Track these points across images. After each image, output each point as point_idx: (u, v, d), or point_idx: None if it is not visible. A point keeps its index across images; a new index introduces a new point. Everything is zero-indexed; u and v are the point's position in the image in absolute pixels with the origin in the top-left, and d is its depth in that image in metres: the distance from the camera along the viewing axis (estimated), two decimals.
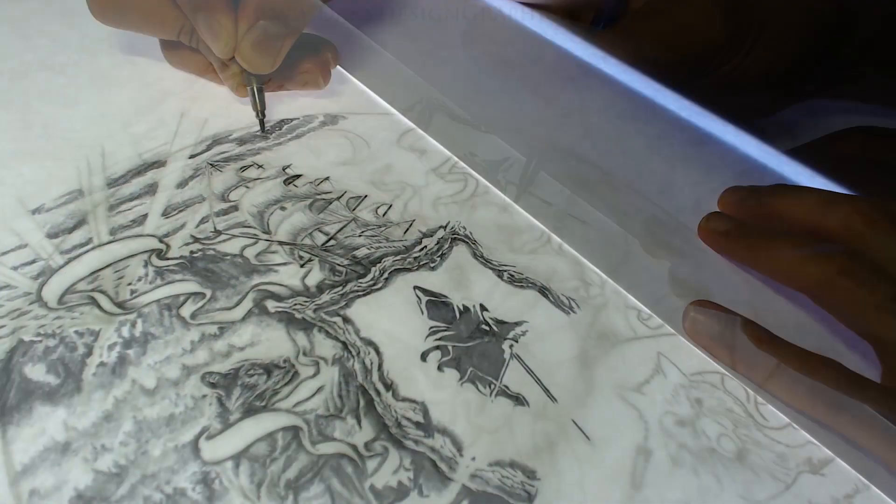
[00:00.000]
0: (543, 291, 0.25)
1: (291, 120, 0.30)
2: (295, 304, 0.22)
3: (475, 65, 0.39)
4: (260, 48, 0.26)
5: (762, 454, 0.22)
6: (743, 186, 0.29)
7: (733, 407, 0.23)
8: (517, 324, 0.24)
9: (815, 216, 0.26)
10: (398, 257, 0.25)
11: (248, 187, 0.26)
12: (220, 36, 0.26)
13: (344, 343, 0.21)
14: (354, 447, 0.19)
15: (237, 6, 0.26)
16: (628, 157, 0.34)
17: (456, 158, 0.31)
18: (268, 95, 0.30)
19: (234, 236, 0.24)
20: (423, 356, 0.22)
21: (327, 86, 0.31)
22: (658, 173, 0.34)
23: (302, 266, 0.23)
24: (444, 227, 0.27)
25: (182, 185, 0.25)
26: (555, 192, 0.30)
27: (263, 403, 0.19)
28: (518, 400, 0.21)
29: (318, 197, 0.27)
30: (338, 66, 0.32)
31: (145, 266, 0.22)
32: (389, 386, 0.20)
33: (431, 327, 0.23)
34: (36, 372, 0.18)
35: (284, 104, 0.31)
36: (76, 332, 0.20)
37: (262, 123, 0.29)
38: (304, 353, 0.21)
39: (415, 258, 0.25)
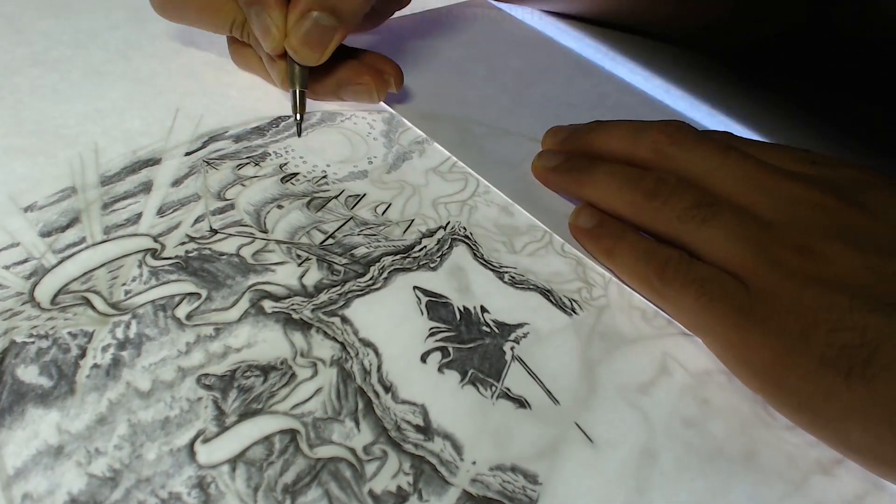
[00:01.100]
0: (545, 293, 0.25)
1: (288, 117, 0.30)
2: (292, 304, 0.22)
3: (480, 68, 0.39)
4: (309, 40, 0.26)
5: (771, 455, 0.22)
6: (564, 126, 0.32)
7: (741, 407, 0.23)
8: (518, 325, 0.24)
9: (628, 146, 0.28)
10: (397, 257, 0.25)
11: (244, 185, 0.26)
12: (269, 31, 0.26)
13: (342, 344, 0.21)
14: (353, 451, 0.19)
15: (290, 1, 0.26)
16: None
17: (455, 158, 0.31)
18: (314, 102, 0.30)
19: (231, 235, 0.24)
20: (423, 358, 0.22)
21: (381, 101, 0.31)
22: None
23: (299, 265, 0.23)
24: (444, 228, 0.27)
25: (177, 183, 0.25)
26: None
27: (260, 406, 0.19)
28: (520, 402, 0.21)
29: (316, 195, 0.27)
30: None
31: (140, 266, 0.22)
32: (389, 388, 0.20)
33: (431, 328, 0.23)
34: (28, 374, 0.18)
35: (280, 101, 0.31)
36: (69, 333, 0.20)
37: (298, 126, 0.29)
38: (302, 355, 0.21)
39: (414, 258, 0.25)
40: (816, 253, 0.22)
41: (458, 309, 0.24)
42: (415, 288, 0.24)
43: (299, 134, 0.29)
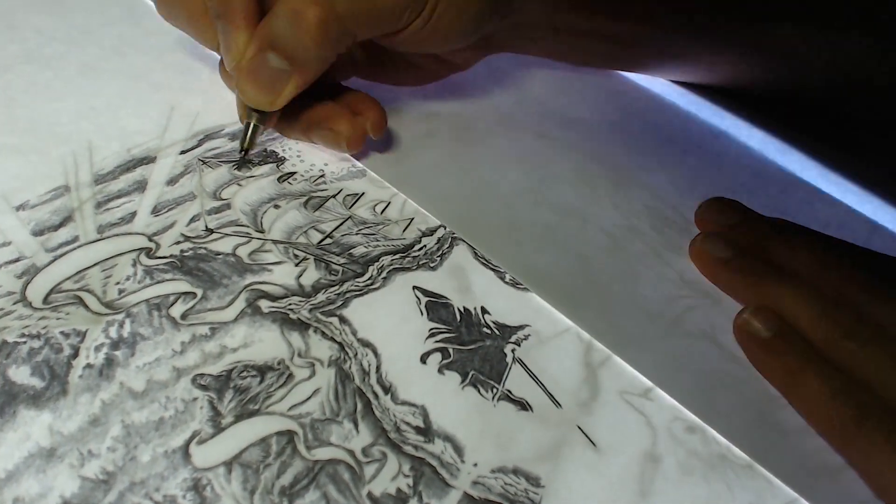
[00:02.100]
0: None
1: None
2: (289, 304, 0.22)
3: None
4: (260, 81, 0.24)
5: (777, 460, 0.22)
6: (731, 202, 0.29)
7: (747, 411, 0.23)
8: (520, 327, 0.24)
9: (817, 264, 0.26)
10: (396, 256, 0.25)
11: (240, 185, 0.26)
12: (230, 51, 0.24)
13: (340, 344, 0.21)
14: (352, 452, 0.19)
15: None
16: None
17: (457, 154, 0.31)
18: (288, 142, 0.28)
19: (227, 235, 0.24)
20: (423, 358, 0.22)
21: (354, 152, 0.28)
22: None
23: (297, 265, 0.23)
24: (444, 227, 0.27)
25: (172, 181, 0.25)
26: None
27: (257, 407, 0.19)
28: (521, 405, 0.21)
29: (314, 194, 0.27)
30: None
31: (134, 265, 0.22)
32: (388, 389, 0.20)
33: (431, 329, 0.23)
34: (20, 374, 0.18)
35: None
36: (62, 332, 0.20)
37: (241, 160, 0.27)
38: (299, 355, 0.21)
39: (414, 257, 0.25)
40: None
41: (459, 310, 0.24)
42: (414, 288, 0.24)
43: (239, 167, 0.27)
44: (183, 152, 0.27)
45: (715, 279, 0.27)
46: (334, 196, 0.27)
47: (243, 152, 0.26)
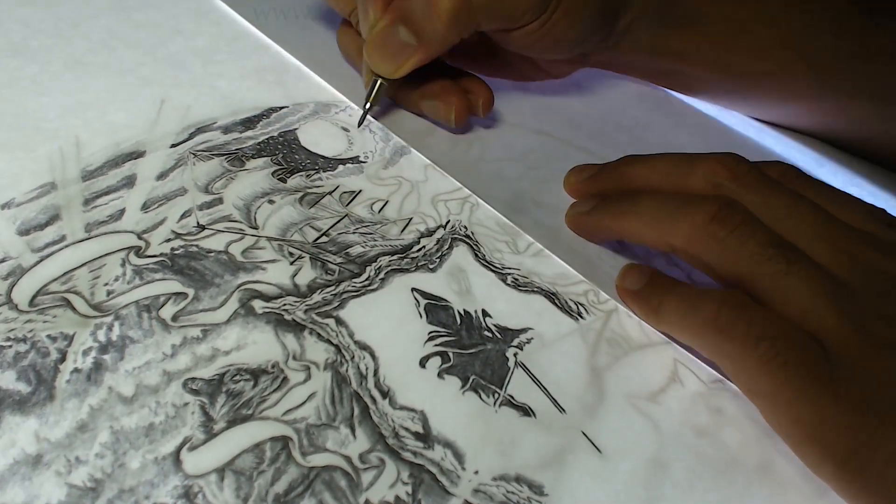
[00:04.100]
0: (550, 296, 0.25)
1: (280, 108, 0.30)
2: (284, 305, 0.22)
3: None
4: (383, 50, 0.28)
5: (787, 466, 0.22)
6: (587, 165, 0.30)
7: (756, 416, 0.23)
8: (522, 331, 0.24)
9: (676, 179, 0.26)
10: (395, 257, 0.25)
11: (233, 178, 0.26)
12: (366, 18, 0.28)
13: (337, 346, 0.21)
14: (348, 459, 0.19)
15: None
16: None
17: (457, 152, 0.31)
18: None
19: (219, 231, 0.24)
20: (422, 362, 0.22)
21: (459, 125, 0.31)
22: None
23: (292, 263, 0.23)
24: (444, 227, 0.27)
25: (162, 176, 0.25)
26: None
27: (250, 411, 0.19)
28: (524, 410, 0.21)
29: (309, 190, 0.27)
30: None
31: (123, 265, 0.22)
32: (386, 393, 0.20)
33: (430, 332, 0.23)
34: (5, 379, 0.18)
35: (272, 91, 0.31)
36: (48, 336, 0.20)
37: (362, 116, 0.30)
38: (294, 358, 0.21)
39: (412, 258, 0.25)
40: None
41: (459, 312, 0.24)
42: (413, 290, 0.24)
43: (360, 124, 0.30)
44: (173, 146, 0.27)
45: (587, 235, 0.28)
46: (330, 193, 0.27)
47: (366, 109, 0.30)
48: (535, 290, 0.25)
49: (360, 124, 0.30)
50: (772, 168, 0.26)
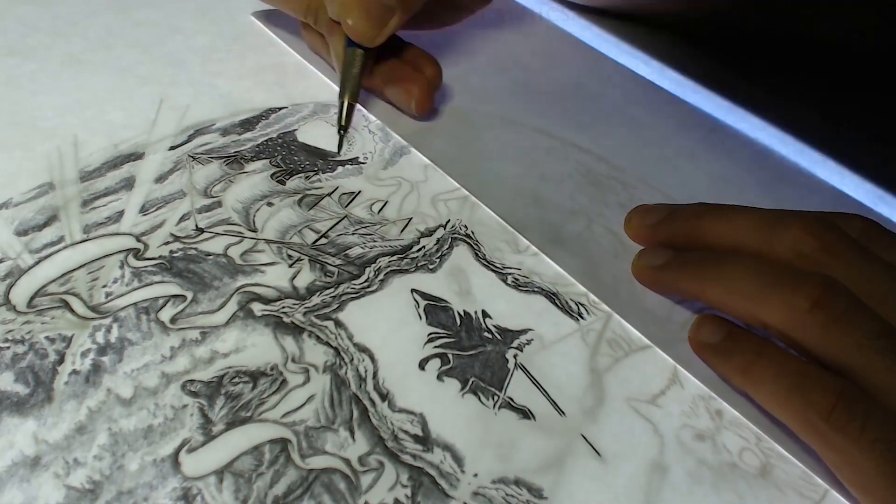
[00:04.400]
0: (550, 296, 0.25)
1: (279, 109, 0.30)
2: (283, 307, 0.22)
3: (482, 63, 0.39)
4: (369, 15, 0.28)
5: (788, 469, 0.22)
6: (655, 206, 0.28)
7: (757, 418, 0.23)
8: (522, 331, 0.24)
9: (760, 242, 0.24)
10: (394, 258, 0.25)
11: (232, 181, 0.26)
12: None
13: (336, 349, 0.21)
14: (347, 461, 0.19)
15: None
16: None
17: (457, 151, 0.31)
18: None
19: (218, 234, 0.24)
20: (422, 364, 0.22)
21: (421, 114, 0.31)
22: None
23: (290, 266, 0.23)
24: (444, 227, 0.27)
25: (161, 179, 0.25)
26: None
27: (249, 414, 0.19)
28: (523, 413, 0.21)
29: (308, 192, 0.27)
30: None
31: (121, 267, 0.22)
32: (385, 396, 0.20)
33: (430, 333, 0.23)
34: (3, 381, 0.18)
35: (271, 91, 0.31)
36: (47, 337, 0.20)
37: (340, 140, 0.29)
38: (293, 360, 0.21)
39: (412, 259, 0.25)
40: None
41: (459, 313, 0.24)
42: (413, 291, 0.24)
43: (339, 148, 0.29)
44: (172, 148, 0.27)
45: (659, 289, 0.26)
46: (329, 194, 0.27)
47: (343, 131, 0.29)
48: (536, 290, 0.25)
49: (338, 150, 0.29)
50: (852, 225, 0.24)
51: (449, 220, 0.27)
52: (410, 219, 0.27)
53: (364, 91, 0.32)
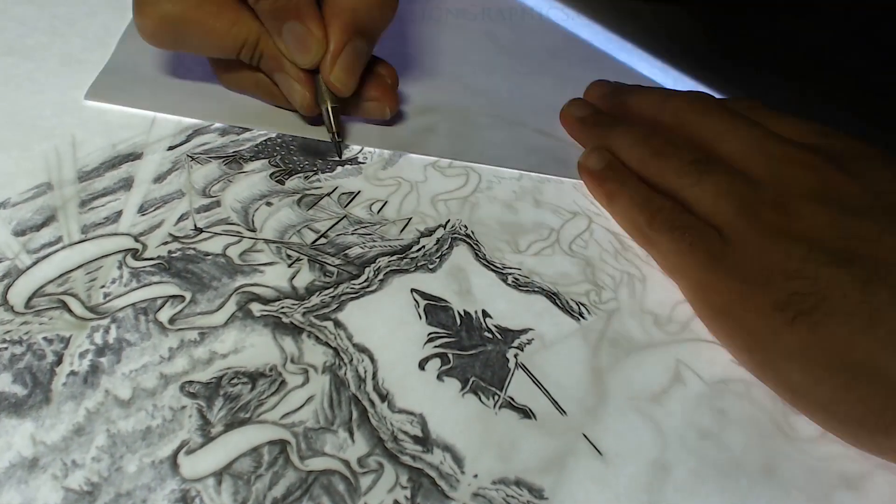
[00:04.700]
0: (551, 296, 0.25)
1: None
2: (282, 307, 0.22)
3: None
4: (349, 69, 0.26)
5: (792, 469, 0.22)
6: (610, 82, 0.36)
7: (760, 417, 0.23)
8: (523, 331, 0.24)
9: (655, 110, 0.32)
10: (394, 258, 0.25)
11: (231, 181, 0.26)
12: (308, 47, 0.26)
13: (335, 349, 0.21)
14: (347, 463, 0.19)
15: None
16: None
17: (457, 151, 0.31)
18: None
19: (216, 234, 0.24)
20: (422, 364, 0.22)
21: (394, 113, 0.30)
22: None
23: (290, 266, 0.23)
24: (444, 226, 0.27)
25: (160, 179, 0.25)
26: None
27: (248, 415, 0.19)
28: (524, 412, 0.21)
29: (307, 192, 0.27)
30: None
31: (120, 267, 0.22)
32: (385, 396, 0.20)
33: (430, 333, 0.23)
34: (1, 382, 0.18)
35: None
36: (45, 338, 0.20)
37: (338, 147, 0.28)
38: (292, 361, 0.21)
39: (412, 259, 0.25)
40: (791, 210, 0.25)
41: (459, 313, 0.24)
42: (412, 290, 0.24)
43: (340, 155, 0.28)
44: (171, 148, 0.27)
45: (573, 134, 0.34)
46: (329, 194, 0.27)
47: (338, 137, 0.28)
48: (536, 289, 0.25)
49: (339, 155, 0.28)
50: (738, 103, 0.32)
51: (449, 220, 0.27)
52: (410, 219, 0.27)
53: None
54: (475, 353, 0.22)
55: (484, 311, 0.24)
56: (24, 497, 0.16)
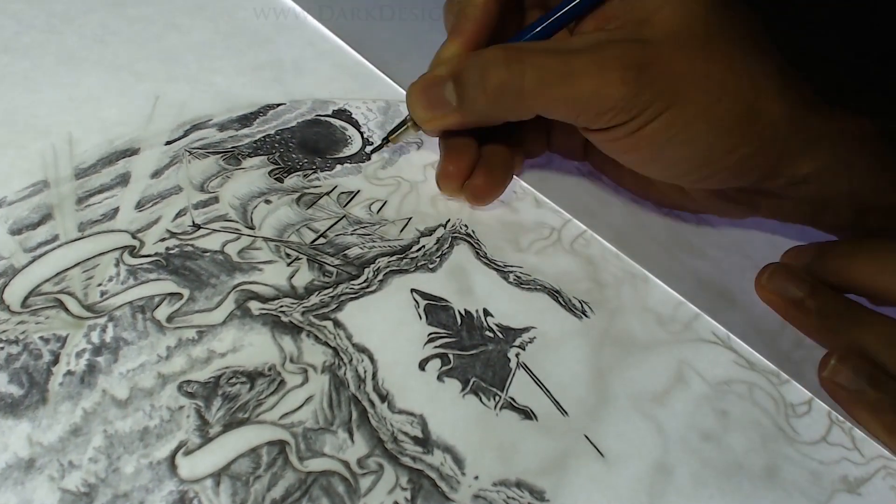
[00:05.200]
0: (553, 294, 0.25)
1: (277, 105, 0.30)
2: (281, 306, 0.22)
3: None
4: (424, 97, 0.26)
5: (793, 471, 0.22)
6: (806, 246, 0.28)
7: (762, 419, 0.23)
8: (524, 330, 0.24)
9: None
10: (394, 258, 0.25)
11: (229, 177, 0.26)
12: (436, 55, 0.26)
13: (335, 349, 0.21)
14: (346, 464, 0.19)
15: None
16: None
17: None
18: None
19: (215, 231, 0.24)
20: (422, 365, 0.22)
21: (480, 205, 0.28)
22: None
23: (289, 265, 0.23)
24: (444, 226, 0.27)
25: (157, 174, 0.25)
26: None
27: (246, 415, 0.19)
28: (525, 413, 0.21)
29: (306, 191, 0.27)
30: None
31: (117, 265, 0.22)
32: (385, 397, 0.20)
33: (430, 333, 0.23)
34: None
35: (269, 88, 0.31)
36: (41, 337, 0.20)
37: (379, 146, 0.28)
38: (291, 360, 0.21)
39: (412, 259, 0.25)
40: None
41: (459, 312, 0.24)
42: (412, 290, 0.24)
43: (374, 151, 0.29)
44: (168, 143, 0.27)
45: (793, 322, 0.27)
46: (328, 193, 0.27)
47: (387, 141, 0.28)
48: (538, 287, 0.25)
49: (373, 151, 0.29)
50: None
51: (449, 220, 0.27)
52: (410, 218, 0.27)
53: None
54: (476, 353, 0.22)
55: (485, 310, 0.24)
56: (20, 498, 0.16)
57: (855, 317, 0.25)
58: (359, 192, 0.27)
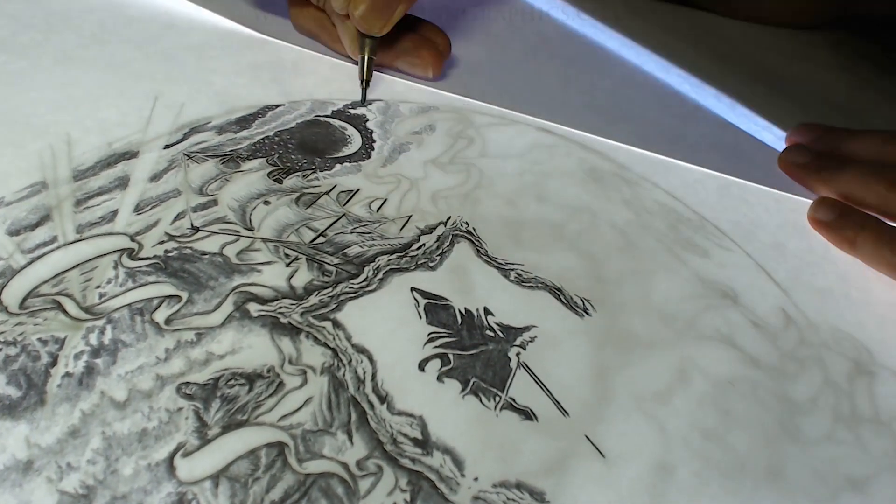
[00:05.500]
0: (555, 292, 0.25)
1: (276, 106, 0.30)
2: (280, 308, 0.22)
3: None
4: (375, 7, 0.29)
5: (797, 470, 0.22)
6: (816, 125, 0.37)
7: (765, 418, 0.23)
8: (525, 329, 0.24)
9: (877, 151, 0.32)
10: (393, 256, 0.25)
11: (228, 180, 0.26)
12: None
13: (334, 350, 0.21)
14: (345, 466, 0.19)
15: None
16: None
17: (457, 148, 0.31)
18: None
19: (213, 233, 0.24)
20: (421, 365, 0.22)
21: (436, 76, 0.34)
22: None
23: (288, 265, 0.23)
24: (445, 223, 0.27)
25: (156, 177, 0.25)
26: None
27: (245, 417, 0.19)
28: (526, 414, 0.21)
29: (306, 190, 0.26)
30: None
31: (115, 267, 0.22)
32: (384, 398, 0.20)
33: (430, 333, 0.22)
34: None
35: (267, 88, 0.31)
36: (39, 339, 0.20)
37: (363, 93, 0.32)
38: (290, 362, 0.21)
39: (412, 257, 0.25)
40: None
41: (460, 311, 0.23)
42: (412, 289, 0.24)
43: (363, 101, 0.32)
44: (167, 146, 0.27)
45: (799, 181, 0.35)
46: (327, 193, 0.27)
47: (366, 84, 0.32)
48: (539, 285, 0.25)
49: (363, 102, 0.32)
50: None
51: (449, 217, 0.27)
52: (410, 216, 0.27)
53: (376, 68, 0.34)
54: (476, 353, 0.22)
55: (486, 309, 0.24)
56: (18, 500, 0.16)
57: (838, 168, 0.33)
58: (358, 190, 0.27)
